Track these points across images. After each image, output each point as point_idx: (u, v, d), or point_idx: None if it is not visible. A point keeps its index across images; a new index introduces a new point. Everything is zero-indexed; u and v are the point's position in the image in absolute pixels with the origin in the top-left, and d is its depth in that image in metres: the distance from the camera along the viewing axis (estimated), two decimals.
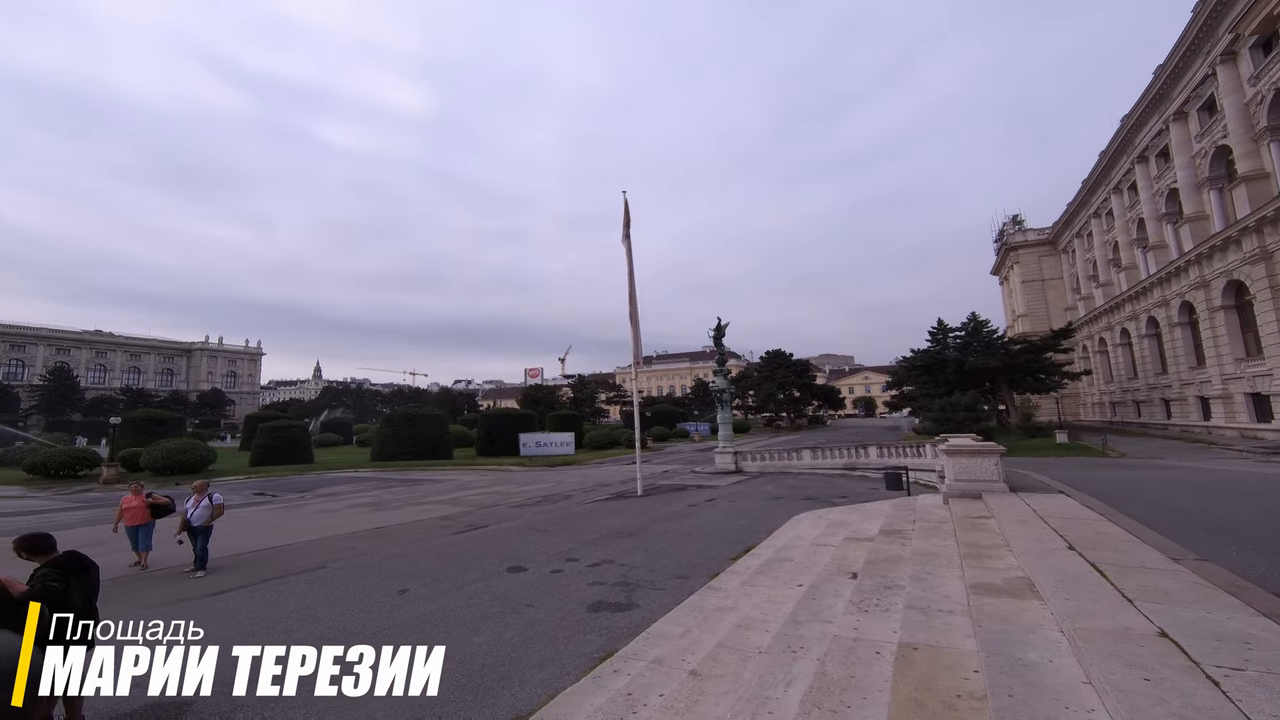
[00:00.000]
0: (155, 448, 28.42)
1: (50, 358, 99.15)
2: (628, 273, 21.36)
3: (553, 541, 11.48)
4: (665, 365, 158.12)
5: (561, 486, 22.12)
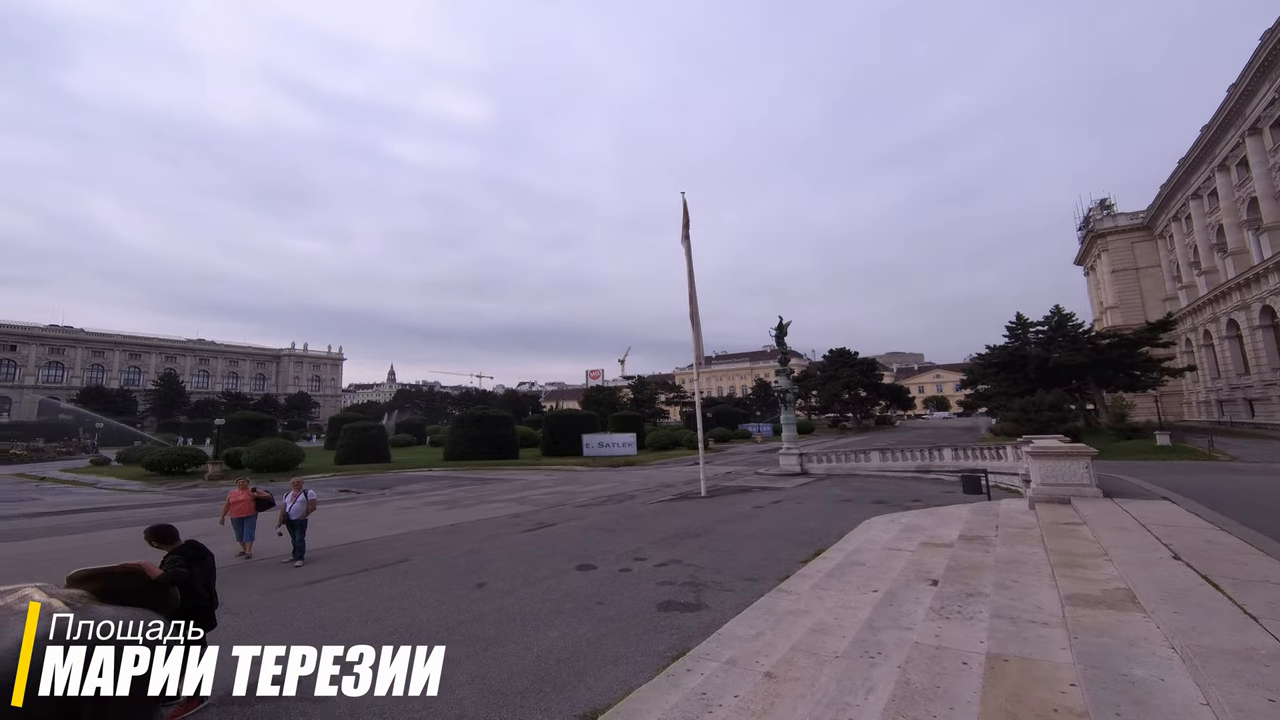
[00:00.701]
0: (253, 447, 31.01)
1: (160, 365, 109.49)
2: (687, 273, 21.34)
3: (619, 541, 11.64)
4: (725, 365, 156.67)
5: (625, 487, 22.35)
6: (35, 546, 13.47)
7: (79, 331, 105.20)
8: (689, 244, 21.64)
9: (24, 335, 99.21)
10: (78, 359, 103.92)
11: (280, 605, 7.90)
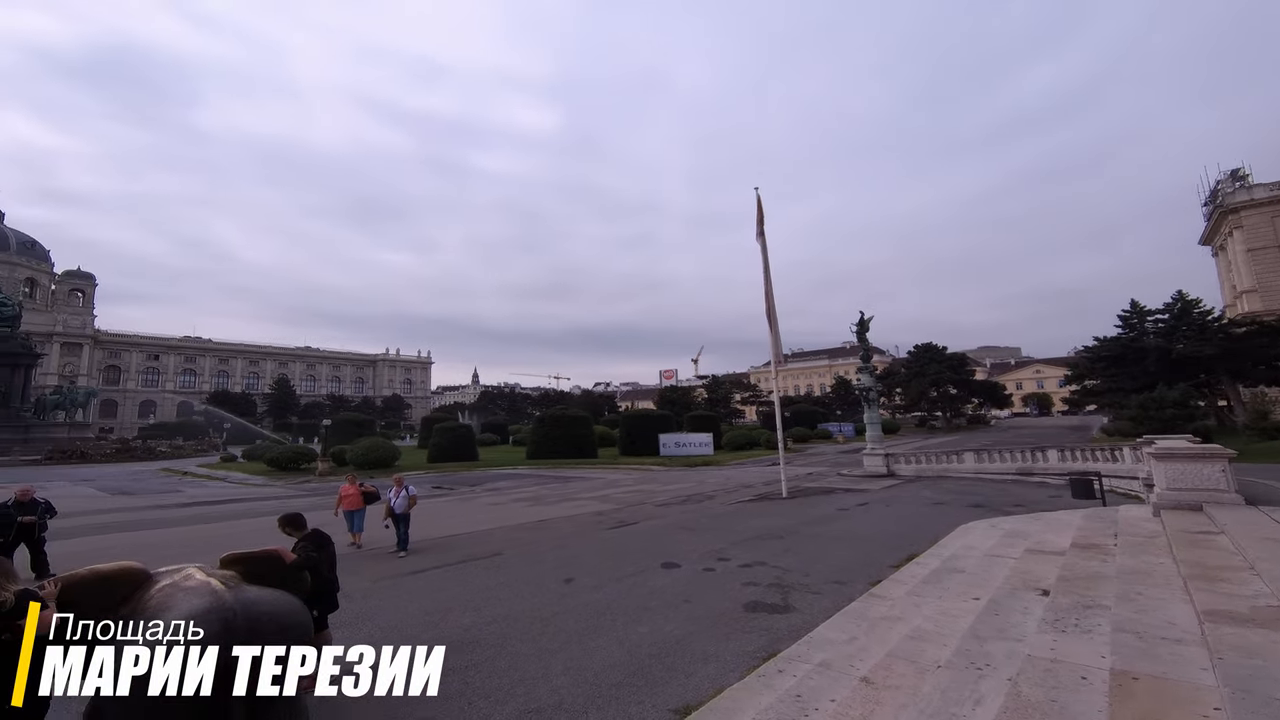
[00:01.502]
0: (356, 445, 33.63)
1: (274, 371, 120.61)
2: (763, 270, 20.99)
3: (702, 540, 11.66)
4: (802, 363, 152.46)
5: (703, 487, 22.30)
6: (187, 532, 15.25)
7: (207, 342, 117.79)
8: (764, 240, 21.29)
9: (164, 346, 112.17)
10: (206, 366, 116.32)
11: (389, 593, 8.53)
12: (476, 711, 4.76)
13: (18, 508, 9.38)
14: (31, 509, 9.50)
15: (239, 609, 3.98)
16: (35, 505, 9.60)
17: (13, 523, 9.21)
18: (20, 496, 9.58)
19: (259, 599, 4.26)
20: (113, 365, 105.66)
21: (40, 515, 9.60)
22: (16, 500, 9.47)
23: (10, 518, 9.22)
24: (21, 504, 9.45)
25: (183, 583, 4.39)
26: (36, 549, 9.54)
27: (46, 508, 9.85)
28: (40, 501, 9.79)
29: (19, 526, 9.25)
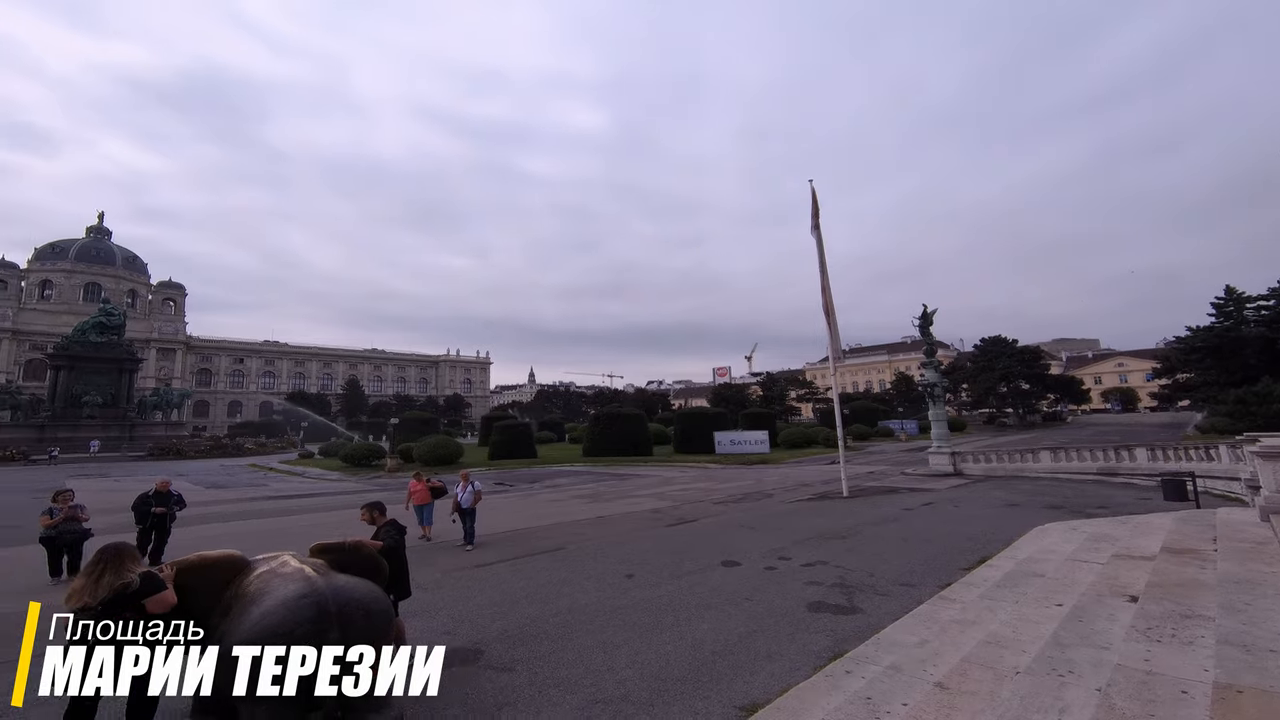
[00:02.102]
0: (422, 443, 35.18)
1: (345, 372, 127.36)
2: (819, 264, 20.55)
3: (762, 539, 11.56)
4: (861, 359, 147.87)
5: (761, 485, 22.06)
6: (275, 523, 16.36)
7: (285, 345, 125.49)
8: (819, 234, 20.83)
9: (248, 350, 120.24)
10: (284, 369, 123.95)
11: (458, 583, 8.89)
12: (548, 700, 4.92)
13: (156, 498, 10.31)
14: (165, 500, 10.43)
15: (330, 594, 4.29)
16: (169, 497, 10.54)
17: (149, 512, 10.13)
18: (160, 488, 10.55)
19: (347, 585, 4.57)
20: (204, 368, 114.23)
21: (170, 506, 10.53)
22: (156, 491, 10.44)
23: (148, 507, 10.14)
24: (160, 494, 10.39)
25: (279, 569, 4.76)
26: (162, 537, 10.47)
27: (178, 500, 10.81)
28: (174, 494, 10.74)
29: (152, 516, 10.17)
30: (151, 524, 10.21)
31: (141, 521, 10.19)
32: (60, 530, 9.31)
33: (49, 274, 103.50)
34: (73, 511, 9.53)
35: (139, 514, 10.23)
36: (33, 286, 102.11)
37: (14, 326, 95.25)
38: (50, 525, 9.33)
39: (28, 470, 41.56)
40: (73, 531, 9.37)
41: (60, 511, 9.44)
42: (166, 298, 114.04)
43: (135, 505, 10.35)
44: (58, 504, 9.56)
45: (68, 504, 9.58)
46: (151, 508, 10.21)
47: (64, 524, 9.36)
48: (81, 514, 9.66)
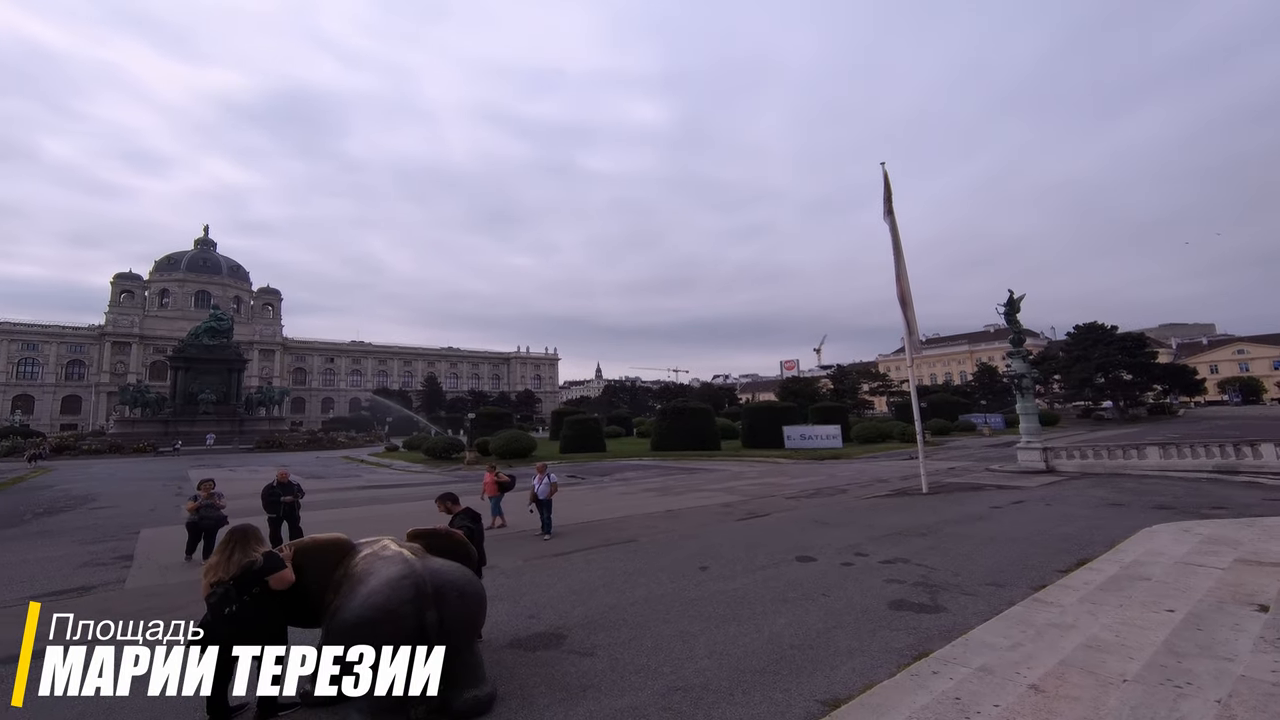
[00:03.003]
0: (498, 436, 36.74)
1: (424, 370, 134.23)
2: (894, 251, 19.72)
3: (837, 534, 11.34)
4: (939, 350, 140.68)
5: (834, 480, 21.52)
6: (370, 510, 17.61)
7: (370, 345, 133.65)
8: (893, 219, 19.98)
9: (337, 350, 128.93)
10: (369, 367, 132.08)
11: (537, 571, 9.26)
12: (629, 685, 5.08)
13: (281, 488, 11.20)
14: (289, 489, 11.30)
15: (427, 576, 4.63)
16: (291, 486, 11.42)
17: (279, 502, 11.04)
18: (280, 478, 11.43)
19: (442, 568, 4.91)
20: (299, 368, 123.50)
21: (294, 494, 11.40)
22: (279, 481, 11.33)
23: (277, 496, 11.06)
24: (283, 484, 11.28)
25: (381, 552, 5.17)
26: (293, 523, 11.38)
27: (297, 488, 11.65)
28: (293, 483, 11.61)
29: (283, 505, 11.07)
30: (283, 513, 11.08)
31: (273, 510, 11.06)
32: (202, 516, 10.24)
33: (166, 284, 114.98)
34: (212, 498, 10.46)
35: (269, 504, 11.13)
36: (154, 295, 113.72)
37: (141, 332, 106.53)
38: (194, 510, 10.31)
39: (156, 461, 46.56)
40: (212, 517, 10.26)
41: (201, 498, 10.39)
42: (266, 303, 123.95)
43: (264, 495, 11.27)
44: (201, 492, 10.51)
45: (209, 492, 10.52)
46: (280, 497, 11.09)
47: (205, 509, 10.29)
48: (219, 501, 10.60)
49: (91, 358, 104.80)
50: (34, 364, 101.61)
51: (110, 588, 9.31)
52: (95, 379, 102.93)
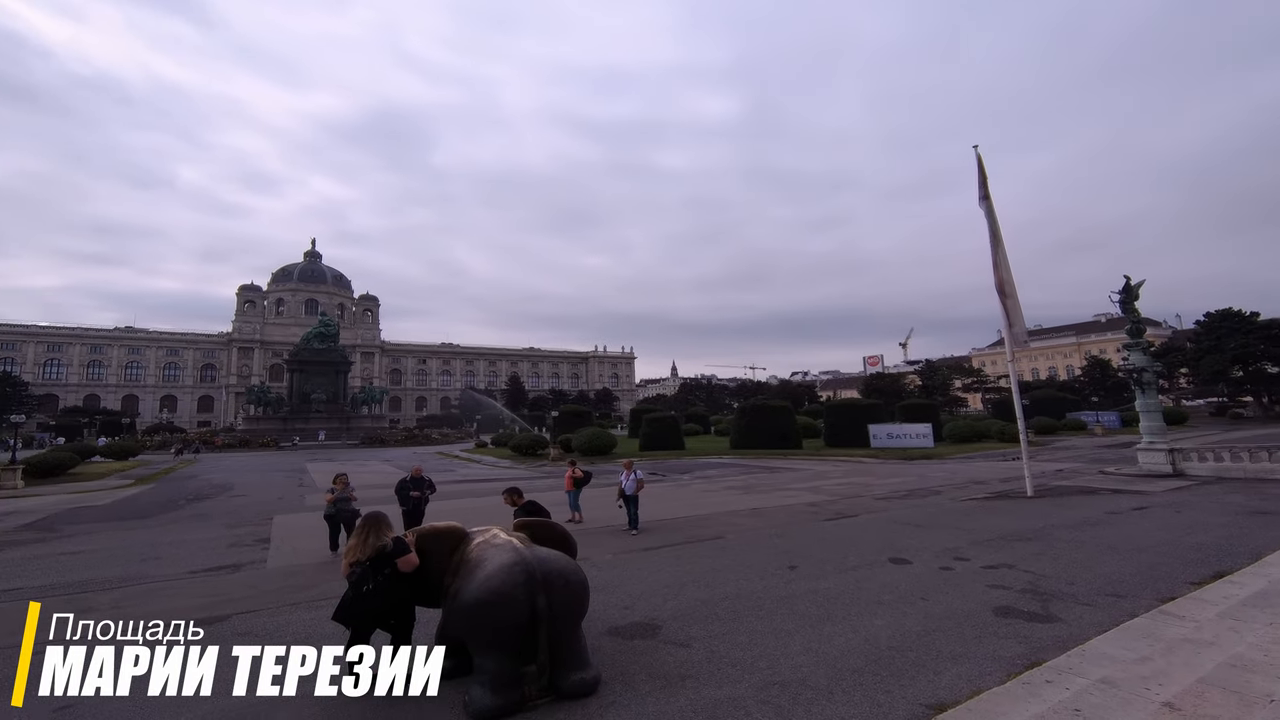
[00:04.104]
0: (580, 434, 37.88)
1: (508, 369, 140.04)
2: (990, 237, 18.55)
3: (932, 537, 10.91)
4: (1042, 342, 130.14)
5: (926, 481, 20.56)
6: (471, 502, 18.72)
7: (457, 347, 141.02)
8: (990, 204, 18.80)
9: (428, 352, 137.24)
10: (458, 367, 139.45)
11: (627, 565, 9.56)
12: (726, 677, 5.22)
13: (413, 483, 11.90)
14: (420, 485, 11.99)
15: (535, 563, 4.98)
16: (423, 482, 12.11)
17: (410, 496, 11.74)
18: (414, 474, 12.17)
19: (549, 556, 5.26)
20: (395, 369, 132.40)
21: (424, 490, 12.09)
22: (412, 476, 12.05)
23: (407, 491, 11.78)
24: (415, 480, 12.00)
25: (492, 540, 5.59)
26: (420, 517, 11.89)
27: (429, 484, 12.33)
28: (425, 479, 12.32)
29: (411, 500, 11.74)
30: (412, 506, 11.73)
31: (404, 504, 11.70)
32: (338, 509, 11.02)
33: (281, 293, 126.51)
34: (347, 491, 11.27)
35: (401, 497, 11.81)
36: (271, 304, 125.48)
37: (261, 338, 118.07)
38: (331, 502, 11.14)
39: (278, 454, 51.57)
40: (347, 510, 11.01)
41: (336, 491, 11.19)
42: (365, 308, 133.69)
43: (397, 490, 11.99)
44: (336, 485, 11.30)
45: (343, 485, 11.31)
46: (410, 491, 11.76)
47: (340, 503, 11.07)
48: (352, 494, 11.39)
49: (221, 362, 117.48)
50: (176, 368, 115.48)
51: (255, 566, 10.54)
52: (225, 381, 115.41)
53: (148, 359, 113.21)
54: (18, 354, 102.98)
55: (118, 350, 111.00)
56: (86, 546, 12.86)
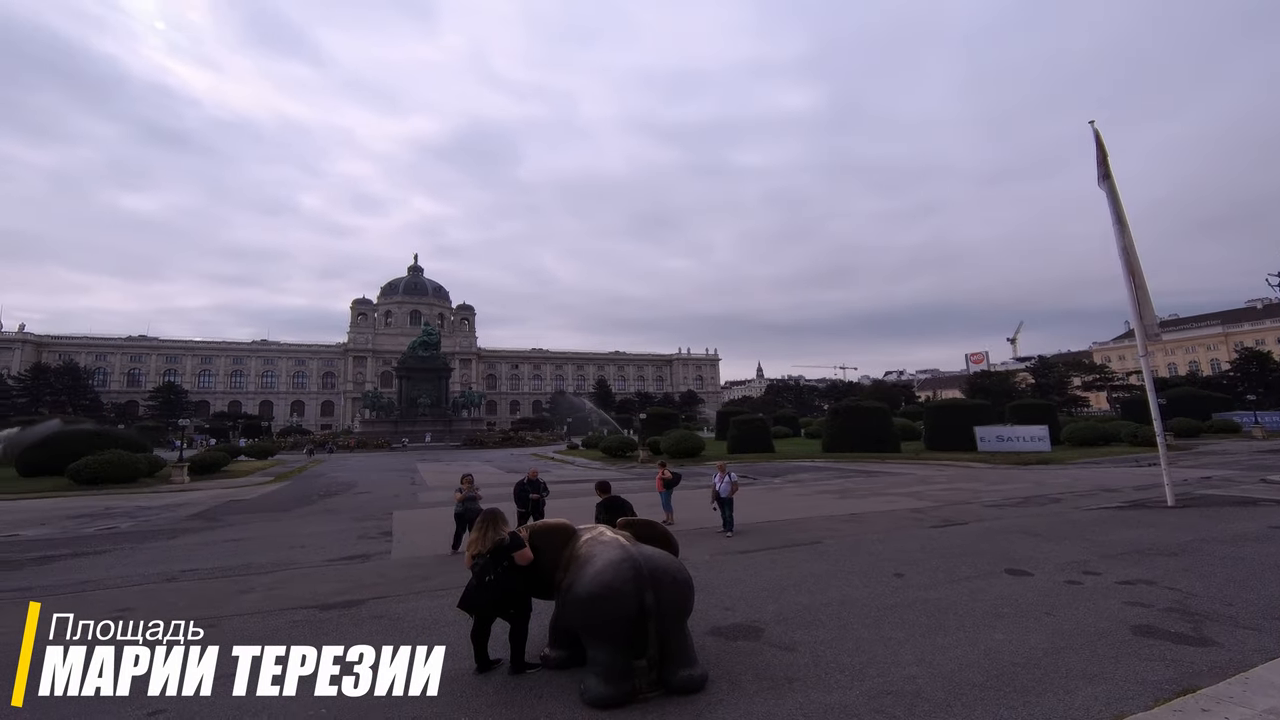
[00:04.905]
0: (668, 436, 38.19)
1: (594, 373, 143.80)
2: (1114, 220, 16.85)
3: (1054, 549, 10.11)
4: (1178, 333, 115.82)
5: (1043, 488, 18.98)
6: (570, 502, 19.26)
7: (546, 352, 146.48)
8: (1111, 183, 17.09)
9: (520, 358, 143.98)
10: (548, 372, 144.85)
11: (725, 567, 9.61)
12: (835, 683, 5.16)
13: (530, 485, 12.38)
14: (537, 487, 12.45)
15: (642, 560, 5.17)
16: (539, 484, 12.58)
17: (529, 498, 12.22)
18: (530, 476, 12.65)
19: (655, 554, 5.45)
20: (490, 374, 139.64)
21: (541, 492, 12.56)
22: (529, 479, 12.53)
23: (527, 493, 12.26)
24: (532, 482, 12.47)
25: (599, 538, 5.87)
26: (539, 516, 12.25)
27: (544, 486, 12.76)
28: (541, 481, 12.79)
29: (531, 501, 12.21)
30: (531, 507, 12.19)
31: (523, 505, 12.17)
32: (466, 507, 11.57)
33: (388, 305, 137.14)
34: (473, 490, 11.93)
35: (520, 499, 12.27)
36: (380, 316, 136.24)
37: (373, 347, 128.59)
38: (460, 500, 11.77)
39: (390, 455, 55.99)
40: (474, 509, 11.15)
41: (464, 490, 11.83)
42: (463, 318, 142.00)
43: (516, 492, 12.48)
44: (464, 485, 11.95)
45: (470, 484, 11.99)
46: (530, 494, 12.23)
47: (468, 502, 11.64)
48: (478, 493, 12.01)
49: (339, 370, 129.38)
50: (302, 376, 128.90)
51: (382, 557, 11.60)
52: (343, 387, 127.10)
53: (279, 368, 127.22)
54: (179, 366, 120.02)
55: (255, 361, 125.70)
56: (244, 535, 14.70)
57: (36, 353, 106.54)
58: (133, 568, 11.11)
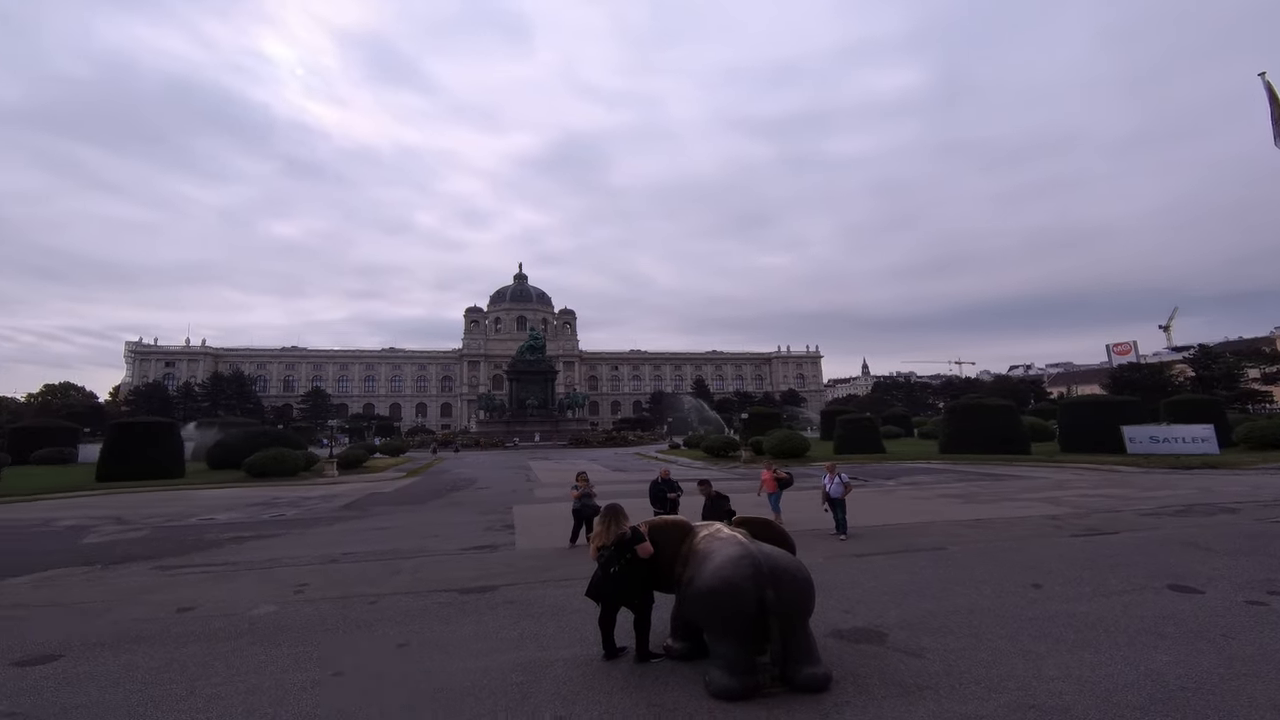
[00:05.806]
0: (770, 436, 37.41)
1: (692, 373, 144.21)
2: None
3: (1229, 564, 8.93)
4: None
5: (1212, 495, 16.65)
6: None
7: (645, 353, 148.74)
8: None
9: (619, 359, 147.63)
10: (646, 372, 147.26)
11: (842, 570, 9.39)
12: (970, 693, 4.96)
13: (665, 484, 12.58)
14: (672, 487, 12.61)
15: (761, 558, 5.27)
16: (673, 484, 12.77)
17: (665, 496, 12.38)
18: (663, 476, 12.91)
19: (774, 553, 5.53)
20: (591, 376, 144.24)
21: (676, 490, 12.67)
22: (663, 479, 12.76)
23: (663, 492, 12.44)
24: (667, 482, 12.71)
25: (716, 534, 6.03)
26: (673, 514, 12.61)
27: (676, 486, 12.84)
28: (675, 481, 12.98)
29: (668, 500, 12.31)
30: (667, 506, 12.15)
31: (659, 505, 12.23)
32: (583, 505, 11.99)
33: (498, 313, 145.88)
34: (589, 488, 12.34)
35: (655, 498, 12.46)
36: (490, 323, 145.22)
37: (485, 352, 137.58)
38: (577, 498, 12.19)
39: (503, 453, 59.56)
40: (590, 506, 11.78)
41: (580, 487, 12.24)
42: (565, 322, 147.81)
43: (651, 492, 12.76)
44: (581, 483, 12.35)
45: (585, 482, 12.42)
46: (666, 493, 12.39)
47: (584, 499, 12.05)
48: (593, 490, 12.41)
49: (455, 374, 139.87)
50: (424, 380, 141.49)
51: (507, 548, 12.48)
52: (459, 390, 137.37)
53: (405, 373, 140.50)
54: (322, 372, 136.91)
55: (384, 367, 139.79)
56: (388, 524, 16.39)
57: (214, 364, 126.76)
58: (304, 549, 12.81)
